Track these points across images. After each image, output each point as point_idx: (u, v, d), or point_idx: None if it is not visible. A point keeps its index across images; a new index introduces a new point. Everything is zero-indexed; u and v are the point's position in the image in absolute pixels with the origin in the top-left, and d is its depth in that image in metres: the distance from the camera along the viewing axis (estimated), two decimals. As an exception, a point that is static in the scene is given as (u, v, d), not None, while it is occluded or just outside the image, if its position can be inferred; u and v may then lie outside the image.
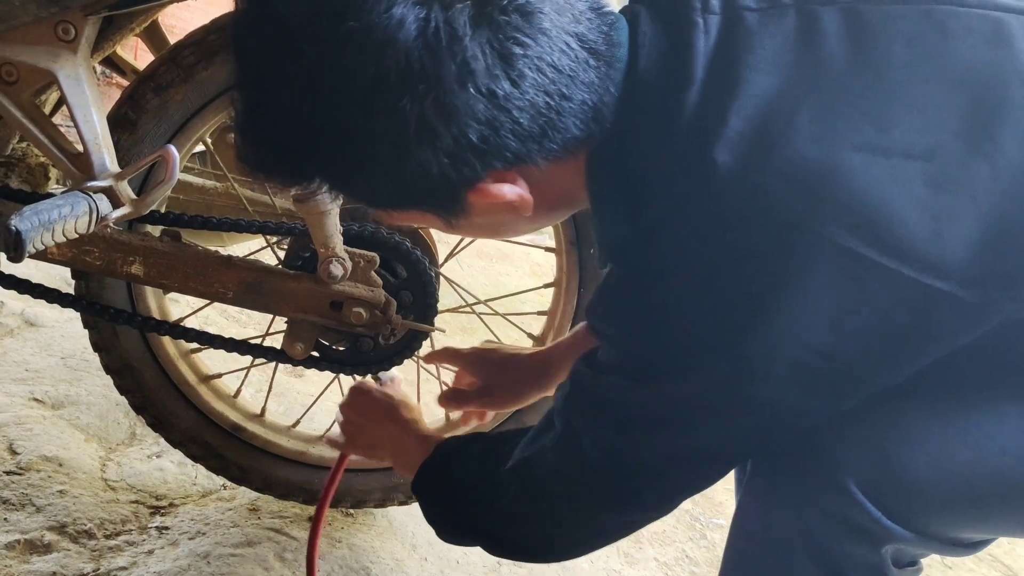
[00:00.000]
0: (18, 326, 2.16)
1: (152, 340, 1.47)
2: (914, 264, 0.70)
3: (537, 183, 0.81)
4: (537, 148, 0.77)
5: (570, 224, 1.41)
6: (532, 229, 0.97)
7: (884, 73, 0.74)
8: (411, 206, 0.83)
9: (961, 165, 0.71)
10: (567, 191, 0.86)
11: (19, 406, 1.79)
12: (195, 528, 1.56)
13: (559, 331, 1.50)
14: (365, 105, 0.71)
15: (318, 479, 1.60)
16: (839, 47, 0.74)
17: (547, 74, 0.74)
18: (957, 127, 0.71)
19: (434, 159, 0.74)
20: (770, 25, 0.76)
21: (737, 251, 0.73)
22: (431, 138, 0.72)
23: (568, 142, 0.79)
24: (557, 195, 0.86)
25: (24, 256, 0.98)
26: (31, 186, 1.36)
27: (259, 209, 1.53)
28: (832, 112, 0.72)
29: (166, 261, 1.26)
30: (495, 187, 0.79)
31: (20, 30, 1.07)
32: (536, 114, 0.75)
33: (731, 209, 0.72)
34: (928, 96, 0.73)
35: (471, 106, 0.71)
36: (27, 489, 1.54)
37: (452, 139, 0.73)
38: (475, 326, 2.86)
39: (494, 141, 0.74)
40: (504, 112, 0.73)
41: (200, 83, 1.27)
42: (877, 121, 0.71)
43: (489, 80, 0.71)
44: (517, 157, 0.77)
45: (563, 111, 0.76)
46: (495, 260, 3.76)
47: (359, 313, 1.30)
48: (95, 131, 1.11)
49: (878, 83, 0.73)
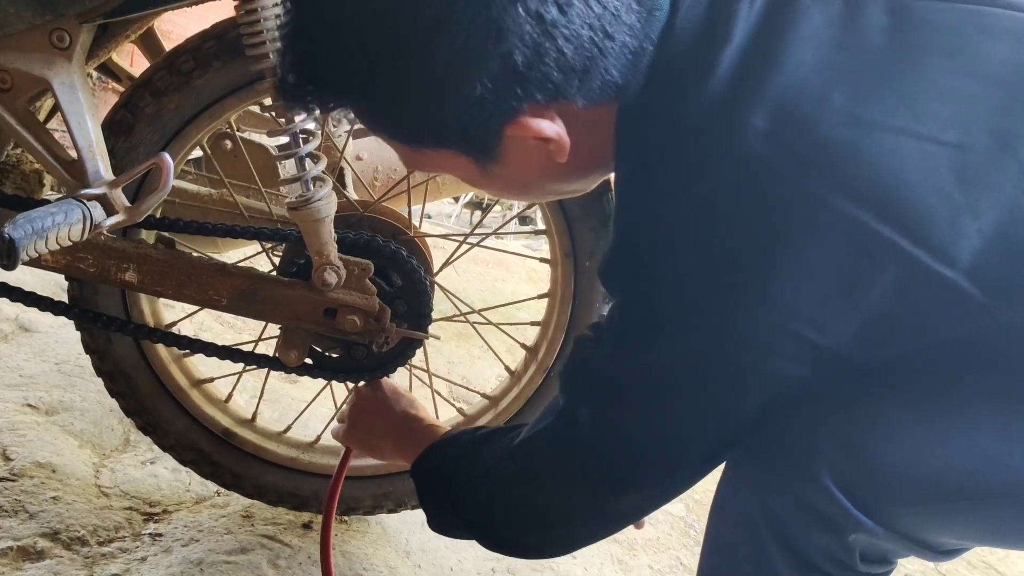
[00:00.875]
0: (12, 331, 2.16)
1: (144, 344, 1.47)
2: (927, 247, 0.71)
3: (573, 127, 0.82)
4: (578, 85, 0.78)
5: (565, 235, 1.41)
6: (560, 192, 0.97)
7: (922, 61, 0.75)
8: (448, 143, 0.83)
9: (990, 160, 0.72)
10: (598, 146, 0.86)
11: (12, 412, 1.79)
12: (188, 535, 1.56)
13: (552, 342, 1.50)
14: (419, 15, 0.72)
15: (309, 485, 1.60)
16: (880, 33, 0.76)
17: (593, 7, 0.75)
18: (989, 123, 0.72)
19: (479, 82, 0.74)
20: (816, 4, 0.77)
21: (741, 214, 0.74)
22: (478, 58, 0.73)
23: (607, 85, 0.80)
24: (589, 148, 0.86)
25: (17, 264, 0.98)
26: (25, 192, 1.36)
27: (254, 216, 1.53)
28: (867, 93, 0.73)
29: (160, 268, 1.26)
30: (535, 121, 0.79)
31: (15, 37, 1.07)
32: (580, 47, 0.76)
33: (746, 175, 0.74)
34: (964, 89, 0.74)
35: (520, 26, 0.72)
36: (20, 495, 1.54)
37: (499, 60, 0.73)
38: (469, 333, 2.86)
39: (538, 69, 0.75)
40: (550, 39, 0.74)
41: (195, 90, 1.27)
42: (911, 105, 0.73)
43: (538, 3, 0.72)
44: (558, 91, 0.78)
45: (605, 51, 0.78)
46: (491, 266, 3.76)
47: (353, 321, 1.30)
48: (89, 138, 1.12)
49: (915, 69, 0.74)
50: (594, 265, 1.43)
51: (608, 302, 1.46)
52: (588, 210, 1.38)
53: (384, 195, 1.51)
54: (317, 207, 1.20)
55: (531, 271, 3.84)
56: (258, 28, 1.12)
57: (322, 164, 1.23)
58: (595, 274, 1.43)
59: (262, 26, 1.12)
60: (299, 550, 1.57)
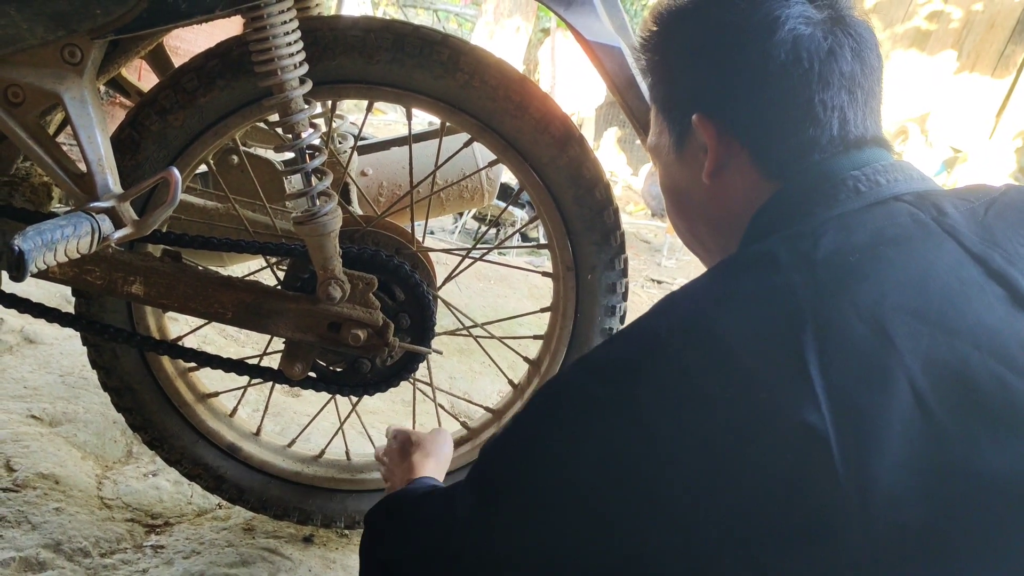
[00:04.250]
0: (17, 343, 2.17)
1: (150, 358, 1.48)
2: None
3: (726, 171, 0.89)
4: (753, 130, 0.86)
5: (567, 249, 1.42)
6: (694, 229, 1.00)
7: None
8: (669, 106, 0.94)
9: None
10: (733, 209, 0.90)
11: (17, 423, 1.80)
12: (190, 547, 1.56)
13: (555, 355, 1.51)
14: None
15: (313, 499, 1.60)
16: None
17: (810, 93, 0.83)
18: None
19: (712, 66, 0.87)
20: (930, 241, 0.74)
21: None
22: (725, 47, 0.85)
23: (771, 149, 0.86)
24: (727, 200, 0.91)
25: (27, 275, 0.99)
26: (34, 205, 1.37)
27: (259, 230, 1.55)
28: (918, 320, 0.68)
29: (166, 281, 1.27)
30: (708, 123, 0.88)
31: (27, 52, 1.09)
32: (784, 105, 0.84)
33: None
34: None
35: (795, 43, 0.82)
36: (23, 506, 1.54)
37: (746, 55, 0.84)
38: (472, 348, 2.87)
39: (744, 92, 0.85)
40: (765, 81, 0.84)
41: (200, 108, 1.28)
42: None
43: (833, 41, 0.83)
44: (737, 123, 0.87)
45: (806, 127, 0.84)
46: (493, 281, 3.77)
47: (357, 335, 1.31)
48: (99, 152, 1.13)
49: None
50: (595, 278, 1.44)
51: (610, 316, 1.47)
52: (589, 224, 1.40)
53: (388, 210, 1.52)
54: (323, 222, 1.22)
55: (533, 287, 3.85)
56: (266, 45, 1.14)
57: (328, 179, 1.24)
58: (596, 288, 1.45)
59: (270, 43, 1.14)
60: (300, 563, 1.57)
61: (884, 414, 0.63)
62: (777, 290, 0.70)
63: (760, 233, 0.85)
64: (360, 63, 1.29)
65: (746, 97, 0.85)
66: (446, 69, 1.30)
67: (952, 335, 0.66)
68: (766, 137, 0.86)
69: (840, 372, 0.64)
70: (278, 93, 1.17)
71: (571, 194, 1.38)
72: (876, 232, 0.75)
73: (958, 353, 0.65)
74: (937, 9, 8.68)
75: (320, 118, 1.63)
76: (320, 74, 1.27)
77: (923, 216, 0.77)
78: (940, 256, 0.73)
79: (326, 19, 1.31)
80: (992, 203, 0.80)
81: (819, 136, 0.84)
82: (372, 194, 1.94)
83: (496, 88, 1.31)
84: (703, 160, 0.90)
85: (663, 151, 0.98)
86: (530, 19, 8.64)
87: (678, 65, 0.92)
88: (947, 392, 0.64)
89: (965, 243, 0.74)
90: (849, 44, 0.83)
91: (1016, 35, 8.34)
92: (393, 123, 9.73)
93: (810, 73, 0.82)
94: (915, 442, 0.62)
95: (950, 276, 0.71)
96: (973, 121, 8.43)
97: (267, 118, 1.37)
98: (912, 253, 0.73)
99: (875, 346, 0.65)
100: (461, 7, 14.79)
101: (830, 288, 0.69)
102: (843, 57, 0.83)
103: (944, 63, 8.67)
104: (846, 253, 0.73)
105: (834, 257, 0.72)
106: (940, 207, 0.78)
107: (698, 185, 0.92)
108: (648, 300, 4.81)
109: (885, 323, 0.66)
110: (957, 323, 0.67)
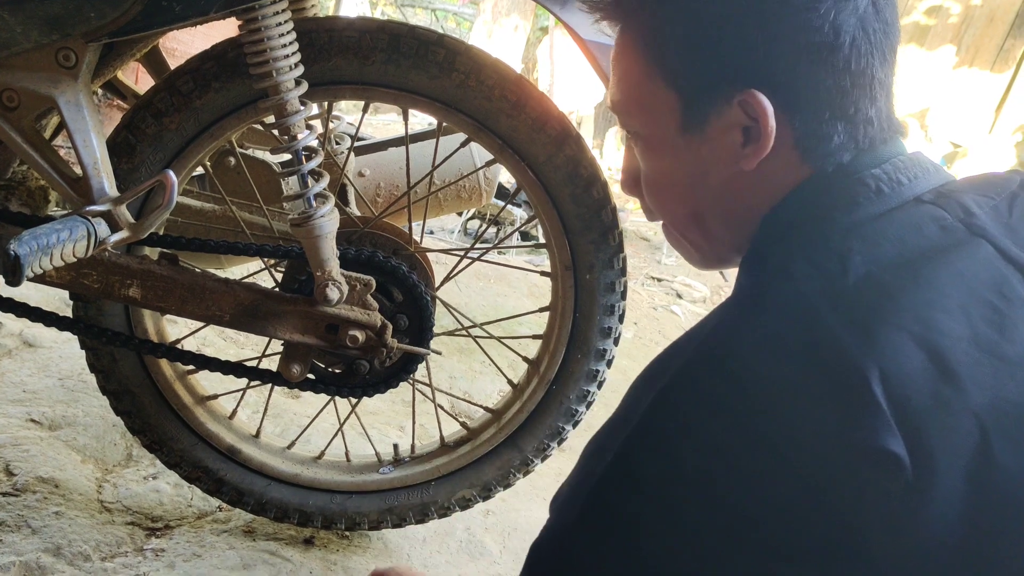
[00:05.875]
0: (16, 347, 2.17)
1: (149, 361, 1.48)
2: None
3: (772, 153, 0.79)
4: (811, 109, 0.78)
5: (565, 248, 1.42)
6: (702, 223, 0.90)
7: None
8: (692, 75, 0.80)
9: None
10: (758, 203, 0.83)
11: (16, 427, 1.79)
12: (191, 550, 1.56)
13: (554, 355, 1.51)
14: None
15: (312, 501, 1.60)
16: None
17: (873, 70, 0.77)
18: None
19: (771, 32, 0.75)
20: (963, 250, 0.71)
21: None
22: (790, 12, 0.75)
23: (821, 136, 0.79)
24: (753, 193, 0.83)
25: (23, 280, 0.99)
26: (31, 209, 1.37)
27: (257, 232, 1.54)
28: None
29: (163, 284, 1.27)
30: (765, 99, 0.76)
31: (22, 56, 1.08)
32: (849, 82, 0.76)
33: None
34: None
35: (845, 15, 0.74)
36: (23, 511, 1.54)
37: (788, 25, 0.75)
38: (471, 348, 2.87)
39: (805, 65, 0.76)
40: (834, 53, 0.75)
41: (196, 110, 1.28)
42: None
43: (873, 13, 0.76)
44: (791, 100, 0.77)
45: (863, 104, 0.78)
46: (492, 281, 3.77)
47: (355, 336, 1.30)
48: (94, 156, 1.13)
49: None
50: (594, 277, 1.43)
51: (609, 315, 1.46)
52: (587, 223, 1.39)
53: (385, 211, 1.52)
54: (320, 223, 1.22)
55: (532, 286, 3.85)
56: (261, 47, 1.14)
57: (324, 181, 1.24)
58: (595, 287, 1.44)
59: (265, 45, 1.14)
60: (301, 565, 1.57)
61: (948, 447, 0.61)
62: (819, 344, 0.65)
63: (773, 237, 0.81)
64: (356, 64, 1.29)
65: (809, 70, 0.76)
66: (442, 69, 1.30)
67: (1010, 363, 0.64)
68: (821, 119, 0.78)
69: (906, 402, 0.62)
70: (274, 95, 1.17)
71: (568, 193, 1.38)
72: (905, 245, 0.71)
73: (1019, 383, 0.64)
74: (936, 4, 8.68)
75: (316, 119, 1.62)
76: (316, 75, 1.26)
77: (949, 219, 0.73)
78: (977, 268, 0.70)
79: (321, 20, 1.31)
80: (1014, 199, 0.78)
81: (874, 117, 0.79)
82: (369, 195, 1.93)
83: (492, 88, 1.31)
84: (734, 142, 0.80)
85: (659, 129, 0.86)
86: (528, 18, 8.65)
87: (711, 25, 0.78)
88: (1011, 427, 0.62)
89: (1000, 246, 0.71)
90: (891, 17, 0.78)
91: (1015, 29, 8.34)
92: (391, 123, 9.73)
93: (874, 47, 0.76)
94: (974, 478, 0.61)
95: (993, 293, 0.68)
96: (972, 116, 8.43)
97: (263, 120, 1.37)
98: (949, 268, 0.69)
99: (935, 376, 0.63)
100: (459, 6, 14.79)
101: (872, 325, 0.65)
102: (896, 30, 0.78)
103: (943, 58, 8.67)
104: (877, 276, 0.68)
105: (866, 284, 0.68)
106: (965, 206, 0.75)
107: (720, 171, 0.83)
108: (648, 298, 4.80)
109: (942, 352, 0.64)
110: (1008, 349, 0.65)
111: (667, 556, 0.67)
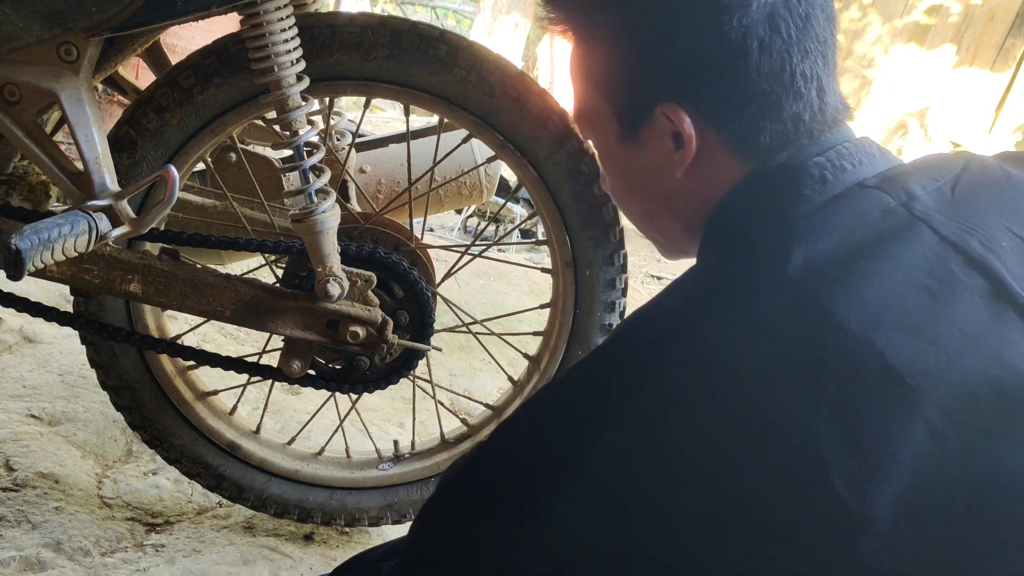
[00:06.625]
0: (16, 342, 2.17)
1: (149, 357, 1.47)
2: None
3: (699, 159, 0.82)
4: (731, 115, 0.79)
5: (566, 245, 1.42)
6: (655, 223, 0.94)
7: None
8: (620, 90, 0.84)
9: None
10: (703, 201, 0.85)
11: (16, 422, 1.79)
12: (191, 546, 1.56)
13: (555, 352, 1.51)
14: None
15: (313, 497, 1.60)
16: None
17: (817, 60, 0.78)
18: None
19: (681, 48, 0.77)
20: (904, 235, 0.71)
21: None
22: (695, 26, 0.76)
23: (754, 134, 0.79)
24: (695, 191, 0.85)
25: (24, 274, 0.99)
26: (32, 204, 1.37)
27: (257, 228, 1.54)
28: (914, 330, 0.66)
29: (164, 279, 1.27)
30: (681, 113, 0.79)
31: (23, 51, 1.08)
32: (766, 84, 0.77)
33: None
34: None
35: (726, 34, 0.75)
36: (23, 506, 1.54)
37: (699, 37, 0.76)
38: (472, 344, 2.87)
39: (717, 75, 0.77)
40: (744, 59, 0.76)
41: (197, 105, 1.28)
42: None
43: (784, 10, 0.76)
44: (712, 109, 0.79)
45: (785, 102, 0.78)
46: (493, 278, 3.77)
47: (356, 332, 1.30)
48: (96, 151, 1.13)
49: None
50: (594, 274, 1.43)
51: (609, 312, 1.46)
52: (587, 220, 1.39)
53: (386, 207, 1.52)
54: (321, 219, 1.22)
55: (532, 283, 3.85)
56: (263, 42, 1.14)
57: (326, 177, 1.24)
58: (595, 283, 1.44)
59: (267, 40, 1.14)
60: (301, 561, 1.57)
61: (893, 441, 0.62)
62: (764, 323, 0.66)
63: (718, 234, 0.83)
64: (357, 60, 1.28)
65: (721, 79, 0.77)
66: (443, 65, 1.30)
67: (948, 348, 0.64)
68: (745, 123, 0.79)
69: (850, 395, 0.62)
70: (275, 90, 1.16)
71: (569, 189, 1.38)
72: (847, 234, 0.71)
73: (956, 367, 0.64)
74: (936, 3, 8.68)
75: (318, 115, 1.62)
76: (317, 71, 1.26)
77: (892, 203, 0.73)
78: (915, 254, 0.69)
79: (323, 16, 1.31)
80: (957, 180, 0.77)
81: (802, 112, 0.79)
82: (370, 191, 1.93)
83: (494, 84, 1.31)
84: (667, 149, 0.82)
85: (603, 139, 0.90)
86: (528, 16, 8.63)
87: (627, 38, 0.81)
88: (957, 411, 0.62)
89: (940, 230, 0.71)
90: (807, 11, 0.77)
91: (1015, 29, 8.33)
92: (392, 120, 9.72)
93: (789, 43, 0.76)
94: (926, 469, 0.61)
95: (931, 279, 0.68)
96: (972, 115, 8.43)
97: (265, 115, 1.37)
98: (889, 256, 0.69)
99: (877, 367, 0.63)
100: (459, 4, 14.78)
101: (812, 315, 0.65)
102: (817, 19, 0.78)
103: (943, 57, 8.67)
104: (819, 267, 0.68)
105: (806, 275, 0.68)
106: (909, 190, 0.75)
107: (661, 177, 0.85)
108: (648, 295, 4.80)
109: (880, 346, 0.64)
110: (945, 334, 0.65)
111: (659, 540, 0.67)
